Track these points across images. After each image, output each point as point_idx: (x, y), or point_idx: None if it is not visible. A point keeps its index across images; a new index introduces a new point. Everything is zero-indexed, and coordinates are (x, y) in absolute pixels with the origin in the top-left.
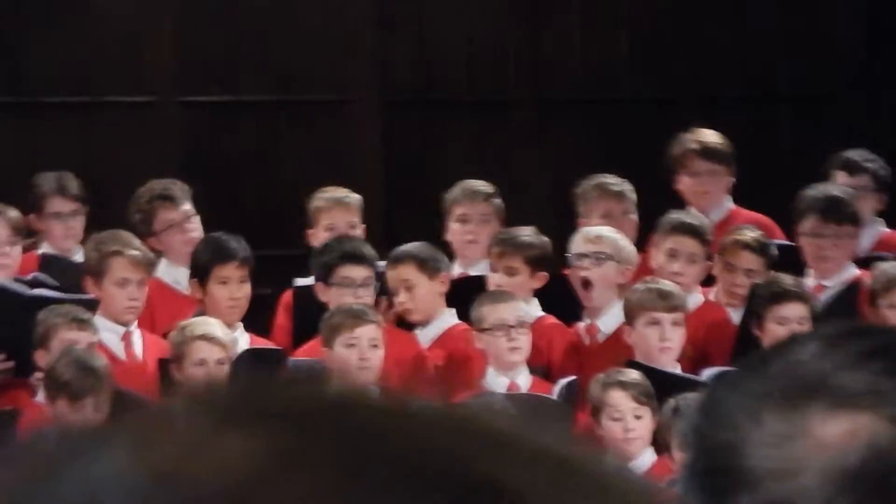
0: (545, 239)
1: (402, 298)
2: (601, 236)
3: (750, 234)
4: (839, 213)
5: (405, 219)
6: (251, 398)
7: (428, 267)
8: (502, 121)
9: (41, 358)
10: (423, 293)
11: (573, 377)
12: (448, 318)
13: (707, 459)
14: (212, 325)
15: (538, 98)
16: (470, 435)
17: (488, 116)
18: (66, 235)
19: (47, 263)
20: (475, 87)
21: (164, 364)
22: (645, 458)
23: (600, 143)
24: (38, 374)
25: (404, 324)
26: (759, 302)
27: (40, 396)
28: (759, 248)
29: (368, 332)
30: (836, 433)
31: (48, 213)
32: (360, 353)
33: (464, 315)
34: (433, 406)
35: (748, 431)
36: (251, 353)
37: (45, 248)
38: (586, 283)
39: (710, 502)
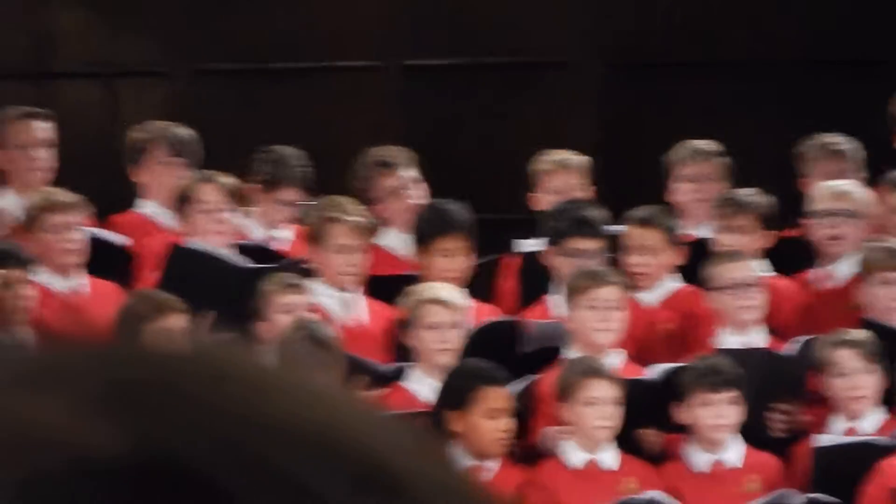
0: (770, 198)
1: (639, 260)
2: (847, 192)
3: None
4: None
5: (625, 182)
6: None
7: (672, 238)
8: (720, 82)
9: (264, 329)
10: (661, 262)
11: (807, 336)
12: (672, 281)
13: None
14: (443, 289)
15: (754, 59)
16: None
17: (706, 79)
18: (283, 221)
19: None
20: (696, 49)
21: (394, 329)
22: (874, 417)
23: (818, 104)
24: (260, 347)
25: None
26: None
27: None
28: None
29: (610, 294)
30: None
31: (276, 198)
32: (602, 315)
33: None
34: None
35: None
36: (489, 327)
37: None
38: (834, 239)
39: None
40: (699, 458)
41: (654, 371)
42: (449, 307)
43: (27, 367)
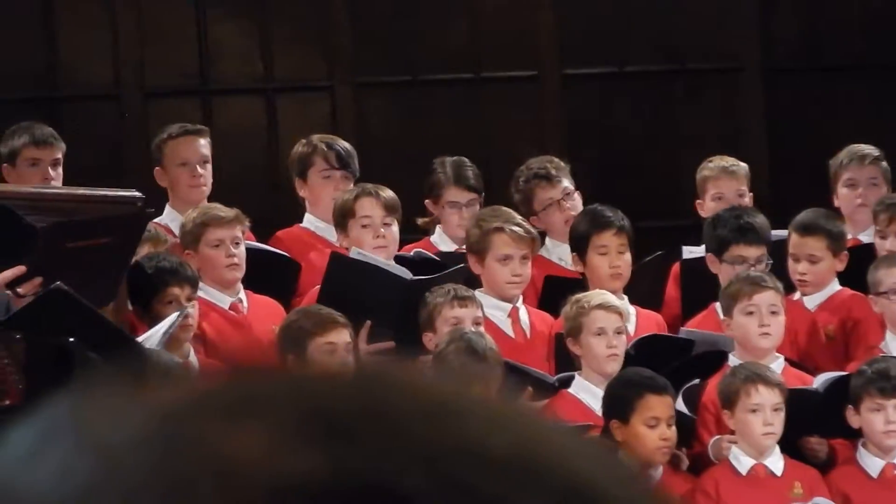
0: None
1: (801, 268)
2: None
3: None
4: None
5: (791, 187)
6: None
7: (836, 245)
8: (888, 85)
9: (429, 340)
10: (824, 269)
11: None
12: (834, 285)
13: None
14: (606, 295)
15: None
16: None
17: (873, 81)
18: (460, 224)
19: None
20: (862, 52)
21: (558, 337)
22: None
23: None
24: (424, 357)
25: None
26: None
27: None
28: None
29: (768, 299)
30: None
31: (445, 202)
32: (760, 320)
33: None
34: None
35: None
36: (650, 339)
37: (437, 235)
38: None
39: None
40: (870, 464)
41: (820, 379)
42: (612, 313)
43: (223, 397)
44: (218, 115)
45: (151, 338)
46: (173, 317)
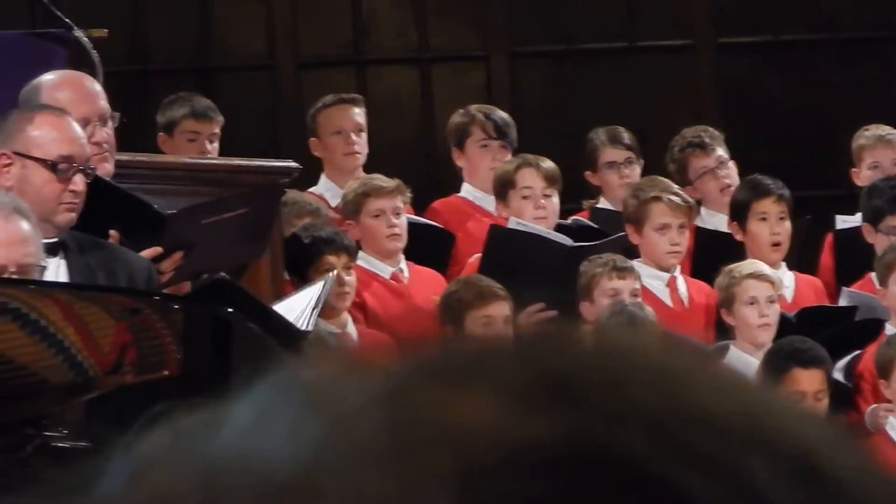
0: None
1: None
2: None
3: None
4: None
5: None
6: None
7: None
8: None
9: (587, 310)
10: None
11: None
12: None
13: None
14: (758, 264)
15: None
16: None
17: None
18: (621, 184)
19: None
20: None
21: (716, 307)
22: None
23: None
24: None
25: None
26: None
27: None
28: None
29: None
30: None
31: (602, 164)
32: None
33: None
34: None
35: None
36: (810, 312)
37: (602, 204)
38: None
39: None
40: None
41: None
42: (764, 282)
43: (448, 363)
44: (372, 85)
45: (294, 310)
46: (318, 287)
